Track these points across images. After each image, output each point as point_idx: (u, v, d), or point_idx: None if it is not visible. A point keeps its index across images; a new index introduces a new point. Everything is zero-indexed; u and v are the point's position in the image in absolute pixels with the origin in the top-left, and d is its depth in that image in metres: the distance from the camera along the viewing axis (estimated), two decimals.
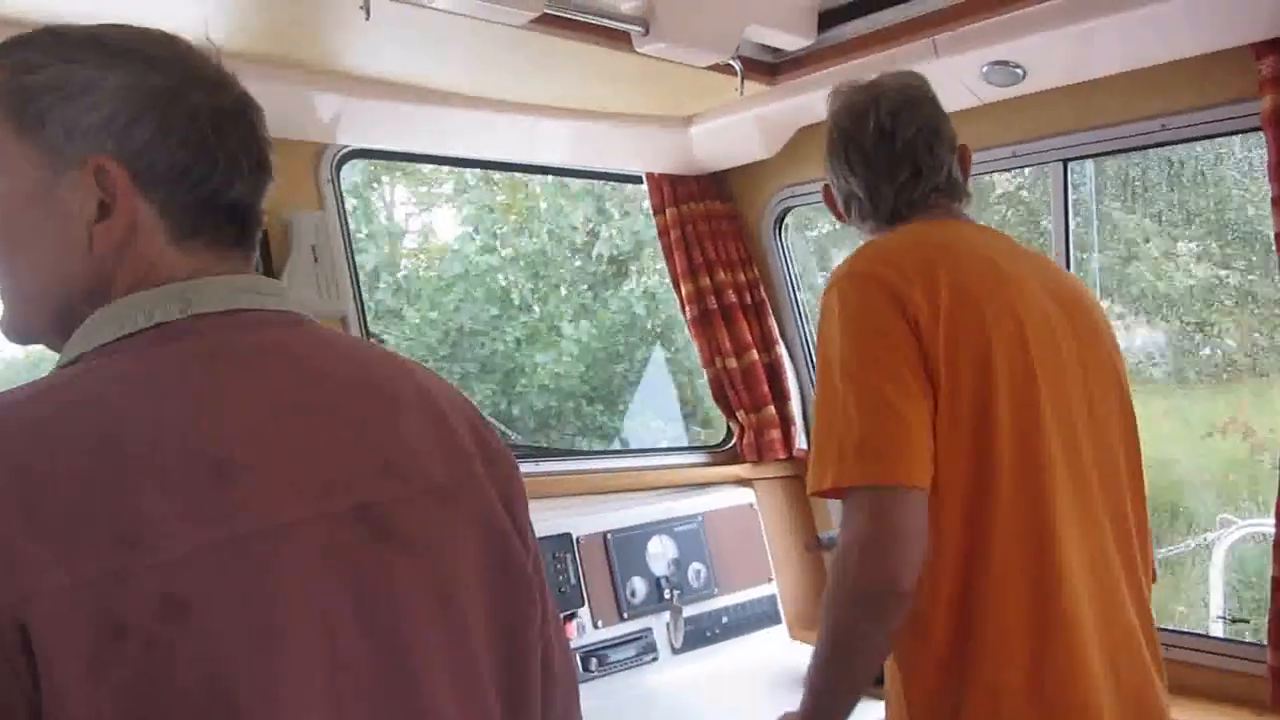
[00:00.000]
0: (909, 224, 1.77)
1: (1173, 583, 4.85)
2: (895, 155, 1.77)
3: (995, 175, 4.48)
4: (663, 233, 3.24)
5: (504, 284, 7.48)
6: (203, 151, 0.96)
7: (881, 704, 1.68)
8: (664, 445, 6.25)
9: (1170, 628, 2.60)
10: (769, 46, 2.66)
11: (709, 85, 2.69)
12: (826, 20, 2.56)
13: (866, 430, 1.51)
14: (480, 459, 1.02)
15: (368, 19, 2.01)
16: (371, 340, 2.88)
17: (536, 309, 7.52)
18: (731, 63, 2.57)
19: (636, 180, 3.30)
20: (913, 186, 1.77)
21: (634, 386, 7.33)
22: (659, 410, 7.16)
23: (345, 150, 2.85)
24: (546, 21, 2.21)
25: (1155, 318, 5.56)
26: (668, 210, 3.22)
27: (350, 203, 6.68)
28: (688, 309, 3.21)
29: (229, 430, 0.86)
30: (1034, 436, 1.57)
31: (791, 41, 2.58)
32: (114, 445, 0.80)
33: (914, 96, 1.80)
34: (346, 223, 2.83)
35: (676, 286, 3.24)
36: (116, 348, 0.90)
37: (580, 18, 2.24)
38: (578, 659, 2.51)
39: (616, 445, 7.35)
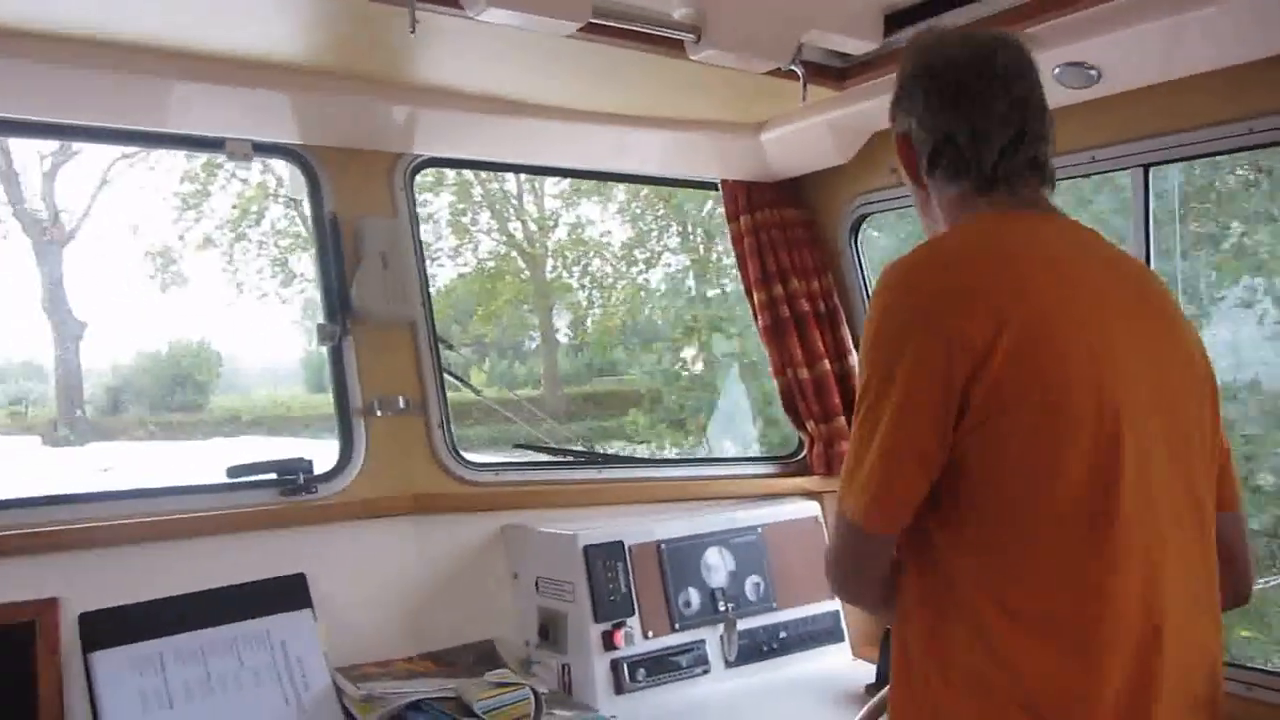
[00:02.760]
0: (988, 213, 1.63)
1: None
2: (1009, 106, 1.62)
3: None
4: (736, 240, 3.21)
5: None
6: None
7: None
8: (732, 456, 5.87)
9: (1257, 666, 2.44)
10: (836, 51, 2.60)
11: (778, 91, 2.65)
12: (893, 23, 2.49)
13: (859, 466, 1.53)
14: None
15: (412, 33, 2.05)
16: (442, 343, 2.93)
17: None
18: (794, 68, 2.52)
19: (713, 187, 3.27)
20: (1015, 149, 1.63)
21: None
22: None
23: (419, 159, 2.92)
24: (596, 31, 2.21)
25: None
26: (741, 218, 3.19)
27: None
28: (759, 317, 3.17)
29: None
30: (1103, 488, 1.47)
31: (857, 46, 2.53)
32: None
33: (1030, 57, 1.68)
34: (418, 230, 2.90)
35: (749, 295, 3.20)
36: None
37: (629, 26, 2.24)
38: (625, 668, 2.50)
39: None
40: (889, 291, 1.54)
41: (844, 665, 2.79)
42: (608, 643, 2.51)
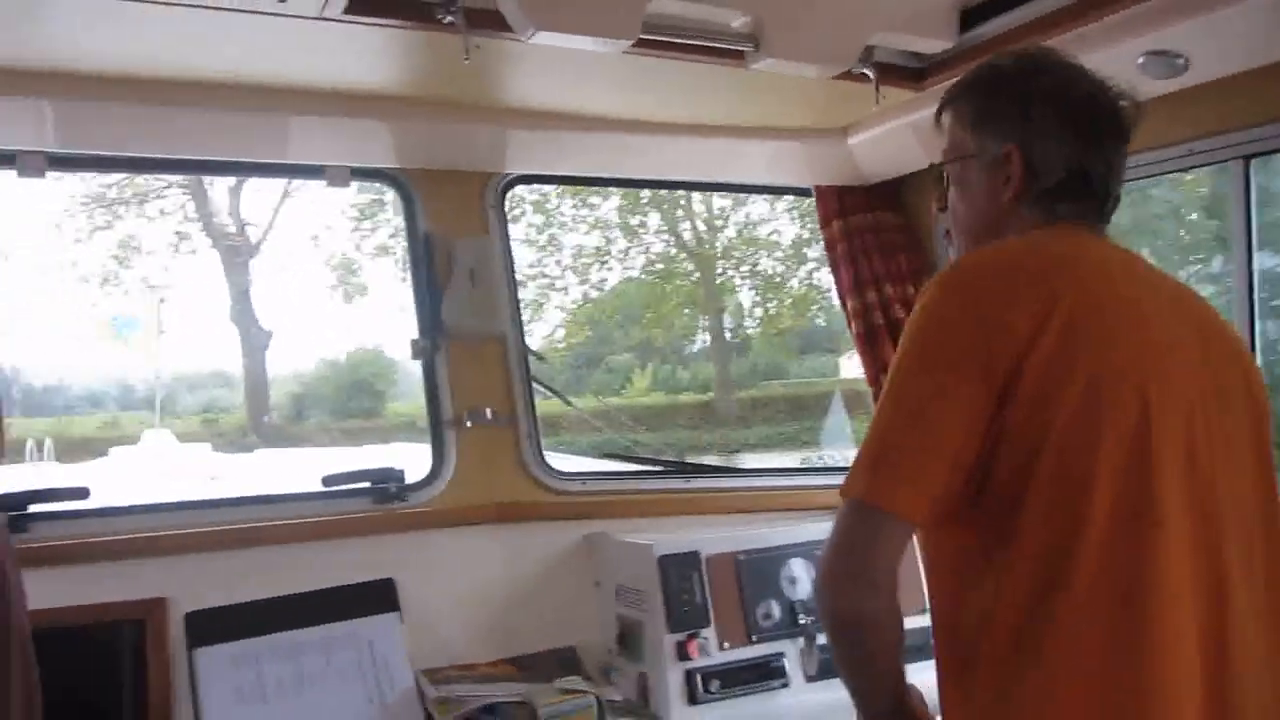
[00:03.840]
0: (1044, 230, 1.62)
1: None
2: (1125, 154, 1.64)
3: None
4: (829, 246, 3.17)
5: None
6: None
7: None
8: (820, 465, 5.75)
9: None
10: (913, 51, 2.54)
11: (863, 94, 2.60)
12: (969, 19, 2.42)
13: (885, 447, 1.46)
14: None
15: (466, 60, 2.12)
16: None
17: None
18: (865, 71, 2.47)
19: (807, 193, 3.23)
20: (1118, 194, 1.64)
21: None
22: None
23: (510, 177, 3.01)
24: (653, 46, 2.24)
25: None
26: (834, 223, 3.14)
27: None
28: (853, 324, 3.11)
29: None
30: (1144, 486, 1.41)
31: (930, 45, 2.46)
32: None
33: None
34: (509, 247, 2.98)
35: (843, 302, 3.14)
36: None
37: (685, 40, 2.25)
38: (699, 679, 2.50)
39: None
40: (938, 286, 1.53)
41: (932, 681, 2.70)
42: (682, 653, 2.51)
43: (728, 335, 21.03)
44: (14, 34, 2.09)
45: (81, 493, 2.51)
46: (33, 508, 2.43)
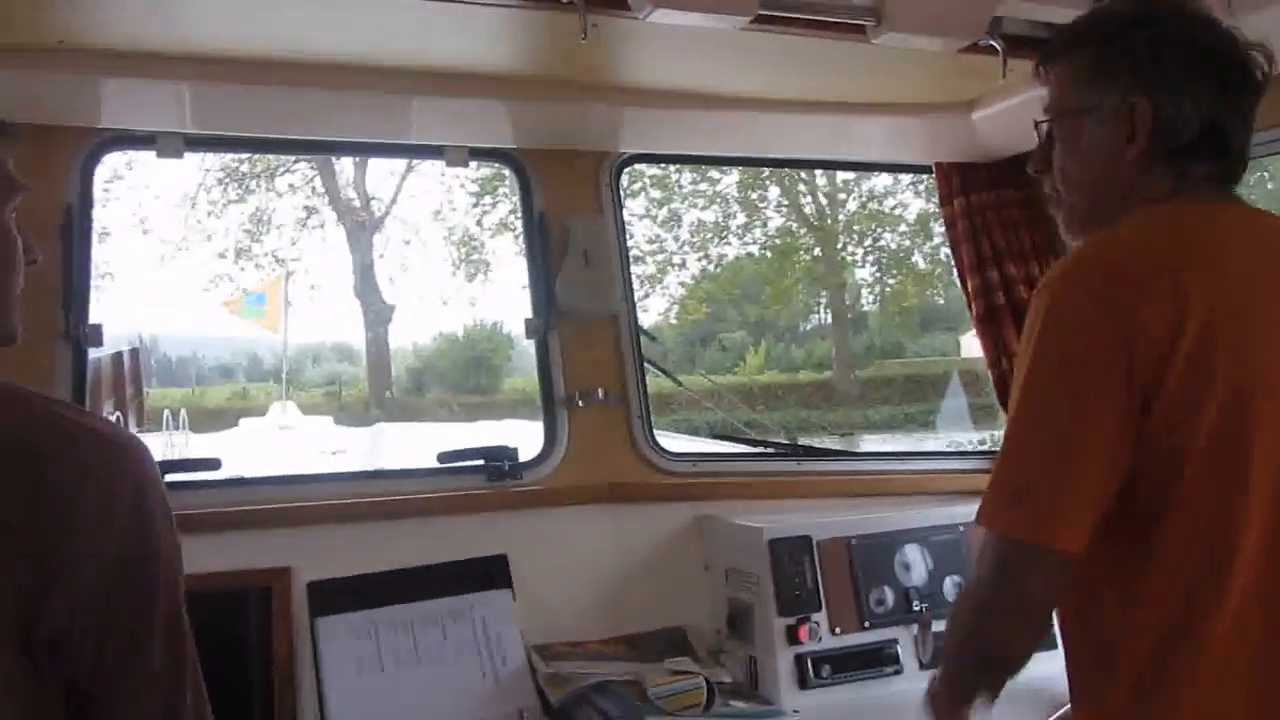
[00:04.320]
0: (1175, 201, 1.49)
1: None
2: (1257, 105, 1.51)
3: None
4: (949, 224, 3.07)
5: None
6: None
7: None
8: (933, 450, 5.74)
9: None
10: (1041, 21, 2.43)
11: (988, 67, 2.51)
12: None
13: (1030, 473, 1.38)
14: None
15: (584, 39, 2.12)
16: None
17: None
18: (993, 43, 2.38)
19: (926, 170, 3.15)
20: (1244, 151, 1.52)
21: None
22: None
23: (625, 156, 3.00)
24: (771, 22, 2.20)
25: None
26: (955, 200, 3.04)
27: None
28: (974, 305, 3.02)
29: None
30: None
31: (1061, 14, 2.35)
32: None
33: None
34: (623, 226, 2.98)
35: (963, 281, 3.05)
36: None
37: (804, 15, 2.20)
38: (810, 664, 2.48)
39: None
40: (1062, 285, 1.42)
41: (1055, 672, 2.61)
42: (792, 637, 2.48)
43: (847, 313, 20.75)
44: (154, 21, 2.17)
45: (214, 464, 2.62)
46: (169, 477, 2.54)
